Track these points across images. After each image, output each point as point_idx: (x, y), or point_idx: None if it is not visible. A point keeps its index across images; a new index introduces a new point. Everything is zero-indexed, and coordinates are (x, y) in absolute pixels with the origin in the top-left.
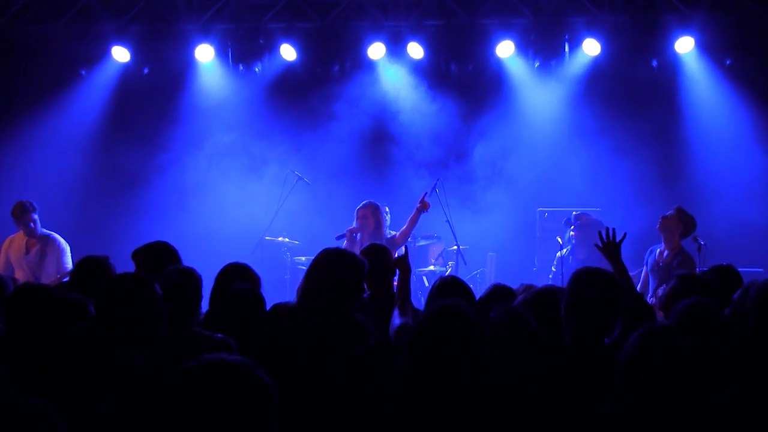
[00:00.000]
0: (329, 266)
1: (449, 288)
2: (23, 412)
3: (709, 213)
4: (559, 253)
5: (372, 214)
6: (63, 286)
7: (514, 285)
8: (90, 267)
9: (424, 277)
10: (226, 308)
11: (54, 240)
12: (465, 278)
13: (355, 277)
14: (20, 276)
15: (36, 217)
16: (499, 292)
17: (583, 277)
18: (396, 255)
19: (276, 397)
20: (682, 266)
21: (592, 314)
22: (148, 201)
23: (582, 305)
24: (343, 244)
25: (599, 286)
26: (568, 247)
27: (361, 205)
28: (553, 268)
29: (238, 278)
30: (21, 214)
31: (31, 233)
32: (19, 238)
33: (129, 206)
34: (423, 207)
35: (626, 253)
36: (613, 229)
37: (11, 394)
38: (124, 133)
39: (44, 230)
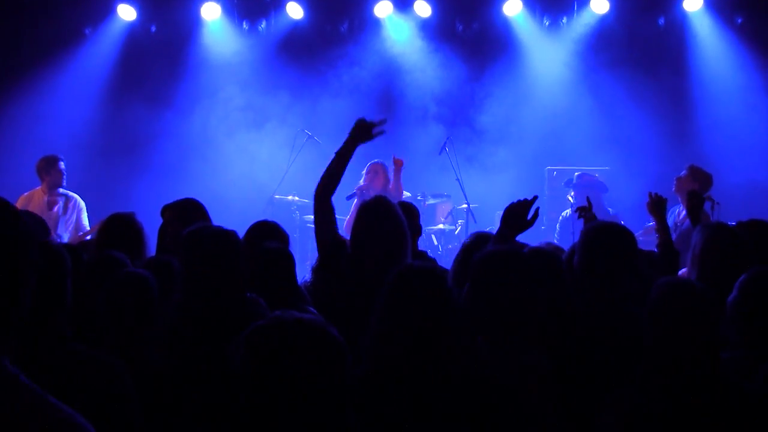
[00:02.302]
0: (382, 214)
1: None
2: (95, 366)
3: (719, 172)
4: (562, 215)
5: (382, 170)
6: (88, 244)
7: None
8: (118, 224)
9: (433, 236)
10: (260, 267)
11: (74, 198)
12: None
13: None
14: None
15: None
16: (480, 239)
17: (595, 234)
18: None
19: (348, 355)
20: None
21: (606, 270)
22: (155, 160)
23: (595, 261)
24: (353, 203)
25: (613, 241)
26: (569, 208)
27: (370, 163)
28: (558, 227)
29: (269, 236)
30: (49, 166)
31: (59, 186)
32: (38, 195)
33: (136, 165)
34: (397, 165)
35: (634, 213)
36: (656, 194)
37: (83, 349)
38: (131, 92)
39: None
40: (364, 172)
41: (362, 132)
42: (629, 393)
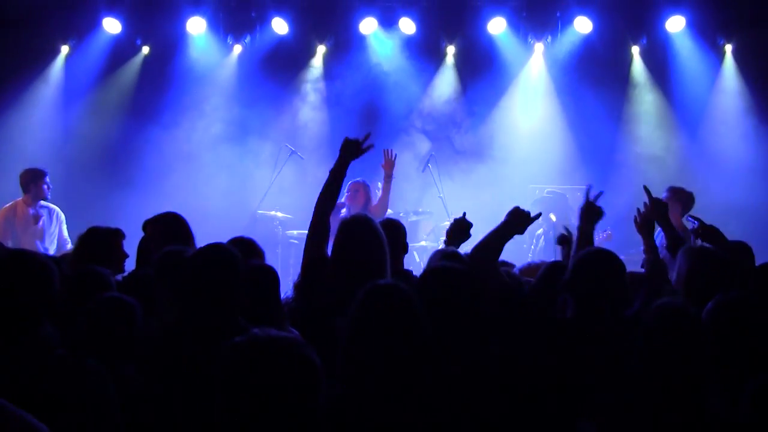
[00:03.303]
0: (361, 232)
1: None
2: (79, 371)
3: (698, 191)
4: (537, 233)
5: (363, 189)
6: (65, 257)
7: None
8: (97, 237)
9: (415, 253)
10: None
11: (55, 210)
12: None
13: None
14: (25, 245)
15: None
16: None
17: (586, 258)
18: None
19: (321, 375)
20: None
21: (594, 289)
22: (137, 173)
23: (585, 282)
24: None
25: (602, 265)
26: (550, 228)
27: (353, 180)
28: (533, 246)
29: (245, 253)
30: (36, 178)
31: (44, 198)
32: (21, 207)
33: (118, 178)
34: (388, 169)
35: (616, 235)
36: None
37: (68, 355)
38: (114, 105)
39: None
40: (345, 190)
41: (351, 149)
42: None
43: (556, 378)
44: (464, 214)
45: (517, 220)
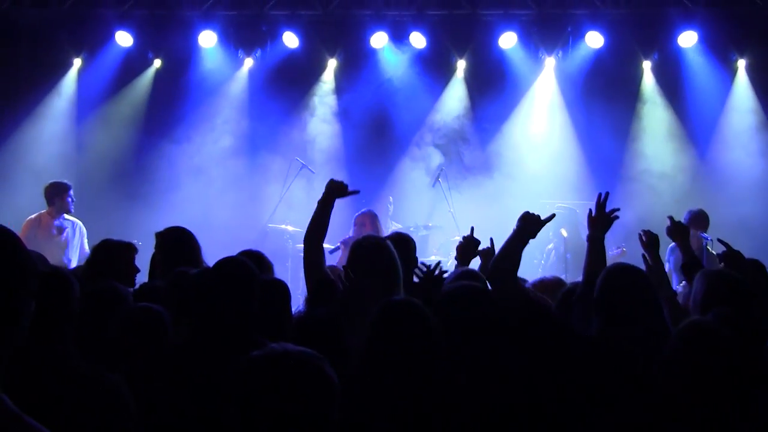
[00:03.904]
0: (375, 253)
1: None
2: (97, 382)
3: (709, 209)
4: (547, 248)
5: (370, 221)
6: (76, 270)
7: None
8: (109, 250)
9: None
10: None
11: (77, 223)
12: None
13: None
14: (49, 258)
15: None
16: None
17: (612, 273)
18: None
19: (337, 390)
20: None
21: (620, 308)
22: (147, 186)
23: (611, 299)
24: (338, 256)
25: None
26: (554, 241)
27: (359, 212)
28: (543, 261)
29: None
30: (61, 192)
31: (67, 211)
32: (45, 219)
33: (128, 191)
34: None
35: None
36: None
37: (90, 369)
38: (125, 118)
39: None
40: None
41: (335, 191)
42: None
43: (578, 396)
44: (472, 229)
45: (530, 224)
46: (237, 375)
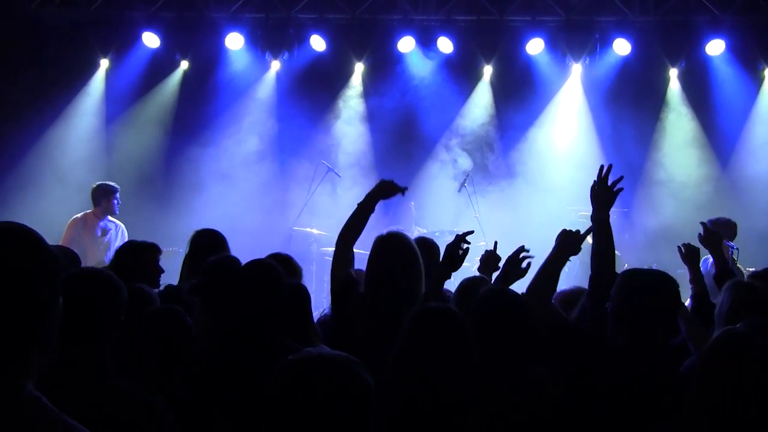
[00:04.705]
0: (396, 249)
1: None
2: (134, 405)
3: (736, 216)
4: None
5: None
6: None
7: None
8: (134, 253)
9: None
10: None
11: (121, 226)
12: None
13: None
14: (92, 258)
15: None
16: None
17: (632, 280)
18: None
19: (374, 395)
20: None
21: (640, 317)
22: (174, 188)
23: (631, 308)
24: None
25: (649, 288)
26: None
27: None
28: (566, 270)
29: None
30: (108, 194)
31: (112, 213)
32: (90, 219)
33: (155, 193)
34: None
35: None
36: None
37: (123, 385)
38: (152, 120)
39: None
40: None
41: (383, 190)
42: None
43: (613, 411)
44: (495, 244)
45: (569, 241)
46: (273, 379)
